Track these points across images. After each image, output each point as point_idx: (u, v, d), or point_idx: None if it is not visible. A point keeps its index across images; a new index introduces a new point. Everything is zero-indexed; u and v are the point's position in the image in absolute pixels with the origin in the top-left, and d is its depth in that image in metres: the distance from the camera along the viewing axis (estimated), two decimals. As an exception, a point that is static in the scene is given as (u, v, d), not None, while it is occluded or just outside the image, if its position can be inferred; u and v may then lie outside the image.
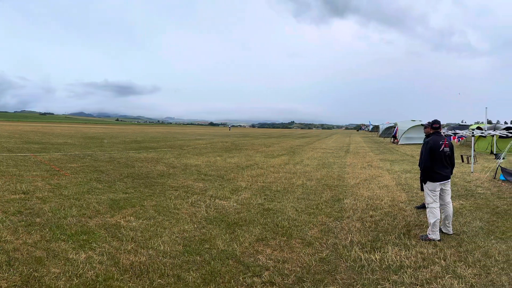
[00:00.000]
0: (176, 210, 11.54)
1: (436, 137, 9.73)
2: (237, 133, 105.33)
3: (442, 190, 9.61)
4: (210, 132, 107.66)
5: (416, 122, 55.46)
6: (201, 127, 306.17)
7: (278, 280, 6.84)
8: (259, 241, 8.94)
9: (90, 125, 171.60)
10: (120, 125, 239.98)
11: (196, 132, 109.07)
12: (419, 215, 11.48)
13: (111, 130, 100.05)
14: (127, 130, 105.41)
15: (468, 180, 18.46)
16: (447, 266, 7.52)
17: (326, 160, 28.28)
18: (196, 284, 6.60)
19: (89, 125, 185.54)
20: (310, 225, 10.36)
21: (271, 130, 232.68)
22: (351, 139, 75.21)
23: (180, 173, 19.28)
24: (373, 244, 8.82)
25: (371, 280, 6.88)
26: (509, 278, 6.90)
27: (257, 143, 50.82)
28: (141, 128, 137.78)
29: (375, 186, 16.55)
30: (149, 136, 66.73)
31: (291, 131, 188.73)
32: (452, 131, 36.42)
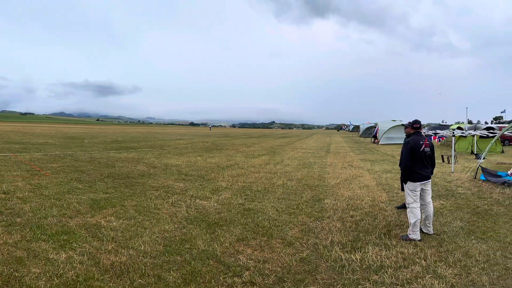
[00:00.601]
0: (157, 210, 11.55)
1: (416, 137, 9.77)
2: (217, 133, 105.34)
3: (422, 190, 9.67)
4: (191, 132, 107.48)
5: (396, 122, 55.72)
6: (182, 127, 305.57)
7: (259, 280, 6.87)
8: (240, 241, 8.97)
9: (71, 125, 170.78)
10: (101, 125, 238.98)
11: (177, 132, 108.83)
12: (400, 215, 11.54)
13: (92, 130, 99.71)
14: (107, 130, 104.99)
15: (448, 180, 18.57)
16: (428, 266, 7.57)
17: (306, 160, 28.33)
18: (176, 284, 6.62)
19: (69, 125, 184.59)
20: (291, 225, 10.40)
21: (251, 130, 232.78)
22: (332, 139, 75.39)
23: (160, 173, 19.28)
24: (354, 244, 8.86)
25: (352, 280, 6.92)
26: (489, 278, 6.96)
27: (237, 143, 50.85)
28: (122, 128, 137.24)
29: (356, 186, 16.61)
30: (129, 136, 66.54)
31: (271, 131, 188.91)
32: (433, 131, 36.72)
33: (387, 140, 53.15)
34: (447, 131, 34.52)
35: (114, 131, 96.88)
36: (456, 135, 28.12)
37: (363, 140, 71.92)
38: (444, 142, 45.42)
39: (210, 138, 65.88)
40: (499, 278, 6.96)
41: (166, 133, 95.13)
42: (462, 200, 13.65)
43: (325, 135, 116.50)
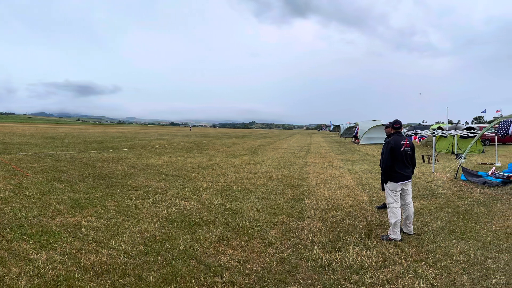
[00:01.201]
0: (137, 210, 11.56)
1: (397, 137, 9.79)
2: (198, 133, 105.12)
3: (403, 190, 9.71)
4: (171, 132, 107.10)
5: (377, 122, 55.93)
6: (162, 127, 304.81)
7: (239, 280, 6.88)
8: (220, 241, 8.98)
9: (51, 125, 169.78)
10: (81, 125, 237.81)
11: (157, 132, 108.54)
12: (380, 215, 11.58)
13: (72, 130, 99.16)
14: (88, 130, 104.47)
15: (429, 180, 18.66)
16: (408, 266, 7.61)
17: (287, 160, 28.34)
18: (157, 284, 6.63)
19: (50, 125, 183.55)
20: (271, 225, 10.42)
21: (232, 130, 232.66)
22: (312, 139, 75.47)
23: (141, 173, 19.25)
24: (334, 244, 8.89)
25: (332, 280, 6.94)
26: (470, 278, 7.00)
27: (218, 143, 50.73)
28: (102, 128, 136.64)
29: (336, 186, 16.63)
30: (110, 136, 66.20)
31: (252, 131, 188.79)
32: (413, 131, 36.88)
33: (367, 140, 53.35)
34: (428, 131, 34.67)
35: (94, 131, 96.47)
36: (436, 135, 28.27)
37: (344, 140, 72.14)
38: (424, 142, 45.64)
39: (191, 138, 65.71)
40: (480, 278, 7.00)
41: (147, 133, 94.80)
42: (442, 200, 13.72)
43: (305, 135, 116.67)
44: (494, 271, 7.27)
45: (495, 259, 7.92)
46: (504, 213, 11.78)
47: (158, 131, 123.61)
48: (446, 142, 36.95)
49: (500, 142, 45.95)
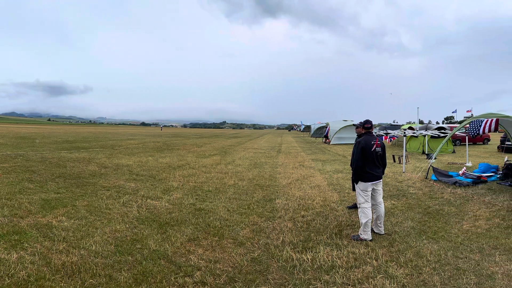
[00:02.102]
0: (108, 210, 11.54)
1: (367, 137, 9.81)
2: (168, 133, 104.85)
3: (373, 190, 9.74)
4: (142, 132, 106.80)
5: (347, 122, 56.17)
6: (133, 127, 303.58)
7: (210, 280, 6.88)
8: (191, 241, 8.98)
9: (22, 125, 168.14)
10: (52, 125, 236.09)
11: (128, 132, 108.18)
12: (351, 215, 11.61)
13: (43, 130, 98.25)
14: (58, 130, 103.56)
15: (400, 180, 18.79)
16: (379, 266, 7.63)
17: (257, 160, 28.40)
18: (127, 284, 6.63)
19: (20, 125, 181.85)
20: (242, 225, 10.43)
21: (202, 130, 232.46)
22: (283, 139, 75.63)
23: (111, 173, 19.21)
24: (305, 244, 8.90)
25: (303, 280, 6.94)
26: (440, 278, 7.04)
27: (188, 143, 50.70)
28: (73, 128, 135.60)
29: (307, 186, 16.68)
30: (81, 136, 65.77)
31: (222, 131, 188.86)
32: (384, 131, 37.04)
33: (338, 140, 53.56)
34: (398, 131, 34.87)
35: (65, 131, 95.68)
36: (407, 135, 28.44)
37: (314, 140, 72.37)
38: (395, 142, 45.94)
39: (161, 138, 65.57)
40: (450, 278, 7.04)
41: (117, 133, 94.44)
42: (413, 200, 13.82)
43: (276, 135, 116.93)
44: (464, 271, 7.32)
45: (466, 259, 7.98)
46: (475, 213, 11.90)
47: (129, 131, 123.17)
48: (417, 142, 37.21)
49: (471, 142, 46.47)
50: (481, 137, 48.72)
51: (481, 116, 16.70)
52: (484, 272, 7.29)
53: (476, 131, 25.01)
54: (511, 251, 8.43)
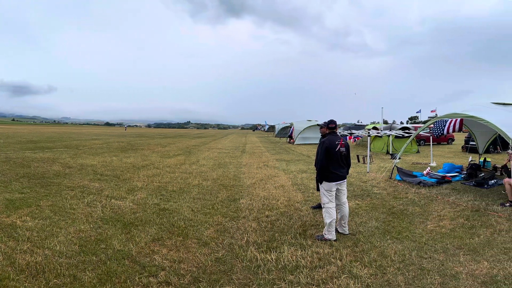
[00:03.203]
0: (72, 210, 11.53)
1: (332, 137, 9.82)
2: (133, 133, 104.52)
3: (338, 190, 9.76)
4: (106, 132, 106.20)
5: (312, 122, 56.32)
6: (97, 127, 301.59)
7: (174, 280, 6.88)
8: (155, 241, 8.99)
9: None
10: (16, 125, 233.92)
11: (92, 132, 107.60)
12: (315, 215, 11.64)
13: (7, 130, 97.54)
14: (23, 130, 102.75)
15: (364, 180, 18.92)
16: (343, 266, 7.66)
17: (222, 160, 28.43)
18: (92, 284, 6.60)
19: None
20: (206, 225, 10.44)
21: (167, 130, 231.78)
22: (247, 139, 75.69)
23: (76, 173, 19.17)
24: (269, 244, 8.92)
25: (267, 280, 6.95)
26: (405, 278, 7.09)
27: (153, 143, 50.68)
28: (37, 128, 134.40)
29: (271, 186, 16.71)
30: (45, 136, 65.35)
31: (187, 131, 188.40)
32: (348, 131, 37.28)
33: (302, 140, 53.70)
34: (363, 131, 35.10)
35: (29, 131, 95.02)
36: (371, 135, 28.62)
37: (279, 140, 72.53)
38: (359, 142, 46.23)
39: (126, 138, 65.43)
40: (415, 278, 7.09)
41: (82, 133, 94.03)
42: (377, 200, 13.92)
43: (240, 135, 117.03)
44: (429, 271, 7.37)
45: (430, 259, 8.04)
46: (439, 213, 12.02)
47: (93, 131, 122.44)
48: (381, 142, 37.51)
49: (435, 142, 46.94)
50: (445, 137, 49.25)
51: (445, 116, 16.88)
52: (449, 272, 7.35)
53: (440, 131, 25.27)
54: (475, 251, 8.52)
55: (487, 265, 7.69)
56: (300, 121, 59.83)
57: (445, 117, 18.18)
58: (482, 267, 7.56)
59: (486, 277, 7.08)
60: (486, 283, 6.84)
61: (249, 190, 15.67)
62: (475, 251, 8.52)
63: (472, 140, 28.30)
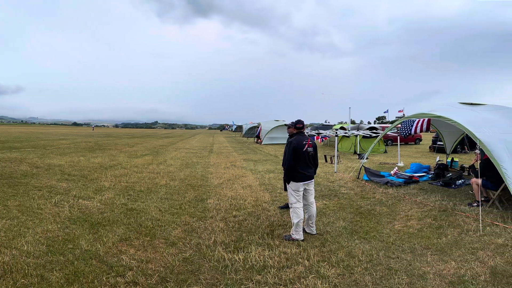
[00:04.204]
0: (40, 210, 11.53)
1: (299, 137, 9.83)
2: (100, 133, 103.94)
3: (305, 190, 9.77)
4: (74, 132, 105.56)
5: (279, 122, 56.40)
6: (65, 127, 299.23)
7: (142, 280, 6.89)
8: (123, 241, 9.00)
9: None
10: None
11: (60, 132, 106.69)
12: (283, 215, 11.66)
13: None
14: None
15: (331, 180, 18.97)
16: (311, 266, 7.68)
17: (189, 160, 28.39)
18: (59, 284, 6.60)
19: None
20: (174, 225, 10.44)
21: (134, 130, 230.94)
22: (215, 139, 75.62)
23: (43, 173, 19.11)
24: (237, 244, 8.92)
25: (235, 280, 6.96)
26: (372, 278, 7.13)
27: (120, 143, 50.48)
28: (4, 128, 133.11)
29: (239, 186, 16.73)
30: (12, 136, 64.99)
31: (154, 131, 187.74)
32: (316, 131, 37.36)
33: (270, 140, 53.74)
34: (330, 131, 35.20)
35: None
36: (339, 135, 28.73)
37: (246, 140, 72.54)
38: (327, 142, 46.39)
39: (93, 138, 65.00)
40: (382, 278, 7.13)
41: (49, 133, 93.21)
42: (345, 200, 13.97)
43: (208, 135, 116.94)
44: (396, 271, 7.43)
45: (398, 259, 8.09)
46: (407, 213, 12.11)
47: (61, 131, 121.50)
48: (349, 142, 37.68)
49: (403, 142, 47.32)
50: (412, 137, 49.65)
51: (413, 116, 17.00)
52: (416, 272, 7.41)
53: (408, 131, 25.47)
54: (442, 251, 8.60)
55: (455, 265, 7.76)
56: (267, 121, 59.85)
57: (413, 117, 18.33)
58: (450, 267, 7.64)
59: (453, 277, 7.16)
60: (454, 283, 6.91)
61: (217, 190, 15.66)
62: (443, 251, 8.60)
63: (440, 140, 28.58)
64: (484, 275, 7.24)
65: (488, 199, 13.10)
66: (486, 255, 8.29)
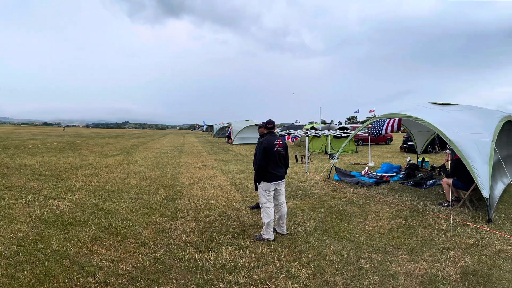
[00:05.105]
0: (10, 210, 11.48)
1: (270, 137, 9.83)
2: (71, 133, 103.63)
3: (276, 190, 9.78)
4: (45, 132, 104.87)
5: (250, 122, 56.43)
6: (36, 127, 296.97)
7: (112, 280, 6.88)
8: (93, 241, 8.96)
9: None
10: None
11: (31, 132, 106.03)
12: (253, 215, 11.67)
13: None
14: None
15: (302, 180, 19.02)
16: (281, 266, 7.68)
17: (160, 160, 28.34)
18: (30, 284, 6.58)
19: None
20: (144, 225, 10.42)
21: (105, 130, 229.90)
22: (186, 139, 75.55)
23: (14, 173, 19.00)
24: (208, 244, 8.91)
25: (206, 280, 6.95)
26: (343, 278, 7.14)
27: (91, 143, 50.27)
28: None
29: (209, 186, 16.72)
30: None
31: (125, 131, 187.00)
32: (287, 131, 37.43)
33: (241, 140, 53.75)
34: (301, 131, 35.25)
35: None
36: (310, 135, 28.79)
37: (217, 140, 72.54)
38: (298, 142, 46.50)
39: (64, 138, 64.73)
40: (353, 278, 7.15)
41: (20, 133, 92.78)
42: (316, 200, 13.99)
43: (179, 135, 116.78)
44: (367, 271, 7.45)
45: (368, 259, 8.12)
46: (377, 213, 12.18)
47: (31, 131, 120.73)
48: (320, 142, 37.80)
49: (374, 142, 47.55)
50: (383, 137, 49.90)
51: (383, 116, 17.07)
52: (387, 272, 7.45)
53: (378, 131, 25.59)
54: (413, 251, 8.65)
55: (425, 265, 7.82)
56: (238, 121, 59.87)
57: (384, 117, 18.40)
58: (421, 267, 7.69)
59: (424, 277, 7.20)
60: (425, 283, 6.96)
61: (187, 190, 15.63)
62: (414, 251, 8.65)
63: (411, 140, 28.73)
64: (455, 275, 7.29)
65: (458, 199, 13.22)
66: (456, 255, 8.36)
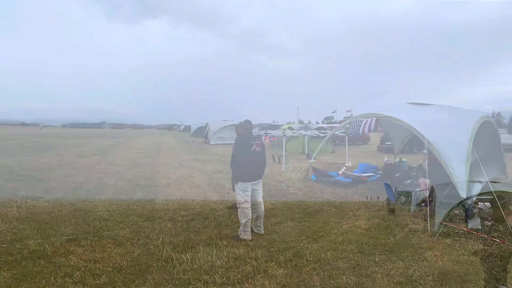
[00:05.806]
0: None
1: (248, 137, 9.90)
2: (48, 133, 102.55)
3: (253, 190, 9.79)
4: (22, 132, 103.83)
5: (227, 122, 56.36)
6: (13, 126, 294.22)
7: (90, 280, 6.86)
8: (71, 241, 8.94)
9: None
10: None
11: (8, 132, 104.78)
12: (231, 215, 11.62)
13: None
14: None
15: (279, 180, 19.03)
16: (259, 266, 7.68)
17: (137, 160, 28.24)
18: (7, 284, 6.58)
19: None
20: (122, 225, 10.42)
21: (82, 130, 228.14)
22: (163, 139, 75.32)
23: None
24: (185, 244, 8.88)
25: (183, 280, 6.94)
26: (320, 278, 7.14)
27: (69, 143, 49.92)
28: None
29: (187, 186, 16.72)
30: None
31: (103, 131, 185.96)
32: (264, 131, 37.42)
33: (218, 140, 53.64)
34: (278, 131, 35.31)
35: None
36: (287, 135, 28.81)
37: (194, 140, 72.33)
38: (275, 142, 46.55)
39: (41, 138, 64.04)
40: (330, 278, 7.15)
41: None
42: (293, 200, 14.03)
43: (156, 135, 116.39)
44: (344, 271, 7.45)
45: (346, 259, 8.12)
46: (355, 213, 12.19)
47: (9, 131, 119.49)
48: (297, 142, 37.76)
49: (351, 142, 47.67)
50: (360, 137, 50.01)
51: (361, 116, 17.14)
52: (364, 272, 7.46)
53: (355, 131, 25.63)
54: (390, 251, 8.68)
55: (403, 265, 7.84)
56: (215, 121, 59.79)
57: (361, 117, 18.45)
58: (398, 267, 7.71)
59: (401, 277, 7.23)
60: (402, 283, 6.98)
61: (165, 190, 15.66)
62: (391, 251, 8.67)
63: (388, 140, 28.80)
64: (432, 275, 7.32)
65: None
66: (434, 255, 8.39)
